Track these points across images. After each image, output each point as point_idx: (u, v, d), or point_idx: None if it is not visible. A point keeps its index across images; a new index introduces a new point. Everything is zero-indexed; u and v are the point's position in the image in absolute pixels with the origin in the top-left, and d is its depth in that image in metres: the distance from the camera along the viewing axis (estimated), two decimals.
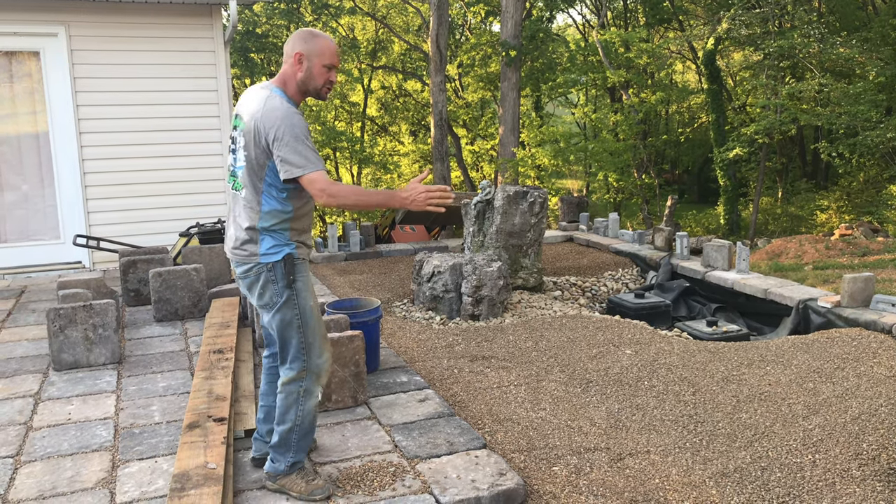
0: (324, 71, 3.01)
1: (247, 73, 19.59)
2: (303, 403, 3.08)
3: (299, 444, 3.11)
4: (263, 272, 3.00)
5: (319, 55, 2.99)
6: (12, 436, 3.72)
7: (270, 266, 2.99)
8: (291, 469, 3.11)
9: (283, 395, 3.08)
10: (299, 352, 3.05)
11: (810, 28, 14.86)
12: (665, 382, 4.50)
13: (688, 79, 27.55)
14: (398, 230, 11.23)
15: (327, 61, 3.00)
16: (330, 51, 3.00)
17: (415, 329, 5.75)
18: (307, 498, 3.06)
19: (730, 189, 18.35)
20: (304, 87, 3.02)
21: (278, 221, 2.99)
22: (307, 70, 2.99)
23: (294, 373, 3.05)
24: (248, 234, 3.01)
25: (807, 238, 9.66)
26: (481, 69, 20.39)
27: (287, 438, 3.09)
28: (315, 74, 3.00)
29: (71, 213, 7.84)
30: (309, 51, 2.98)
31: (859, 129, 13.77)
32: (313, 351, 3.06)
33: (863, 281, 5.81)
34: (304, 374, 3.06)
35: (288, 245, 3.00)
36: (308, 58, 2.98)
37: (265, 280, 3.00)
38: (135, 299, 6.29)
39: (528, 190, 7.20)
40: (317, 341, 3.07)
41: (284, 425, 3.08)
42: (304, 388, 3.07)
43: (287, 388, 3.07)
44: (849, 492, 3.21)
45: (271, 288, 3.00)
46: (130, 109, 7.90)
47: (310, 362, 3.06)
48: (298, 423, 3.08)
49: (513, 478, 3.18)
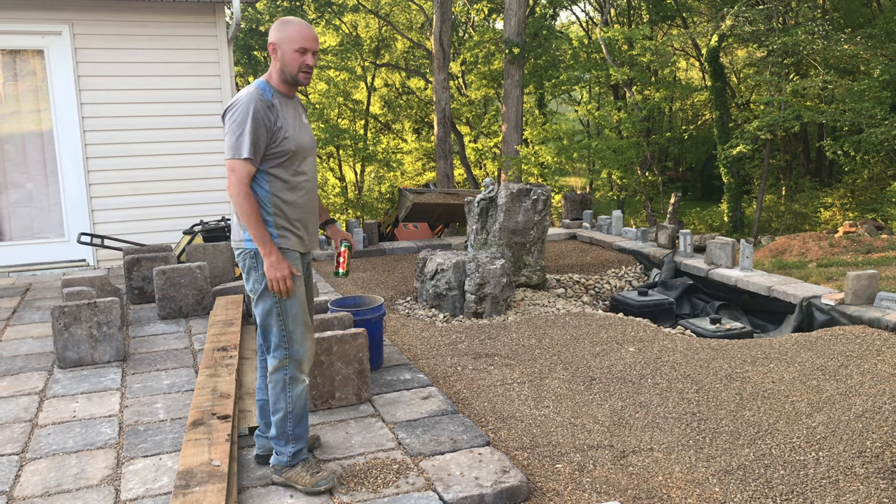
0: (297, 56, 3.00)
1: (250, 71, 19.60)
2: (290, 390, 3.11)
3: (296, 432, 3.14)
4: (247, 258, 3.05)
5: (289, 41, 2.99)
6: (18, 433, 3.74)
7: (252, 253, 3.03)
8: (295, 460, 3.14)
9: (272, 385, 3.13)
10: (281, 340, 3.08)
11: (814, 25, 14.82)
12: (668, 380, 4.51)
13: (691, 76, 27.49)
14: (402, 228, 11.23)
15: (297, 45, 2.99)
16: (300, 35, 2.99)
17: (418, 327, 5.76)
18: (311, 490, 3.08)
19: (733, 186, 18.32)
20: (283, 75, 3.04)
21: (261, 207, 3.02)
22: (281, 58, 3.00)
23: (277, 361, 3.10)
24: (236, 220, 3.08)
25: (810, 235, 9.65)
26: (484, 66, 20.38)
27: (283, 427, 3.12)
28: (289, 61, 3.00)
29: (75, 211, 7.86)
30: (279, 39, 3.00)
31: (864, 127, 13.73)
32: (294, 338, 3.09)
33: (867, 278, 5.80)
34: (288, 362, 3.10)
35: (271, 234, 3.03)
36: (279, 46, 3.00)
37: (248, 266, 3.06)
38: (139, 297, 6.31)
39: (532, 187, 7.20)
40: (298, 329, 3.10)
41: (278, 414, 3.12)
42: (288, 375, 3.11)
43: (273, 377, 3.12)
44: (852, 489, 3.21)
45: (253, 275, 3.06)
46: (134, 107, 7.92)
47: (291, 350, 3.10)
48: (290, 410, 3.11)
49: (516, 475, 3.18)
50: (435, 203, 10.68)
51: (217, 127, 8.18)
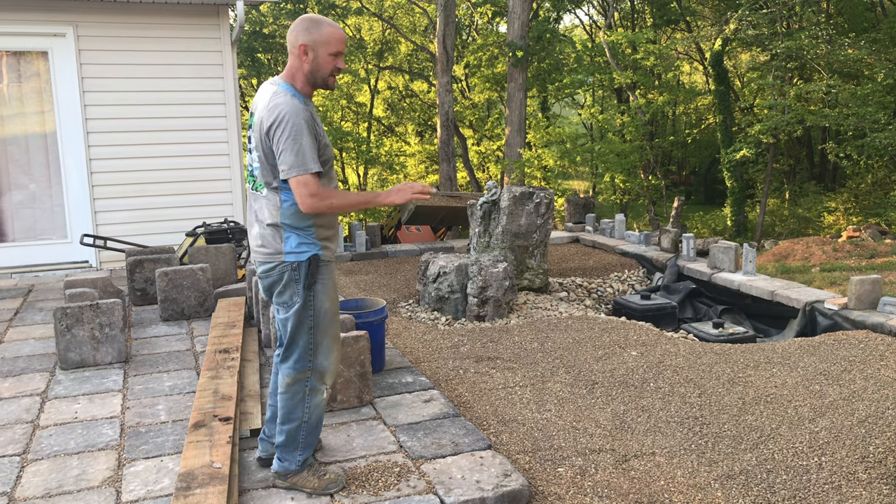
0: (331, 60, 2.90)
1: (254, 73, 19.65)
2: (309, 401, 3.06)
3: (307, 441, 3.09)
4: (287, 271, 2.94)
5: (325, 44, 2.87)
6: (19, 434, 3.74)
7: (295, 265, 2.93)
8: (302, 466, 3.10)
9: (288, 396, 3.05)
10: (306, 352, 3.02)
11: (818, 29, 14.82)
12: (671, 384, 4.50)
13: (695, 80, 27.50)
14: (404, 231, 11.24)
15: (334, 49, 2.89)
16: (335, 38, 2.88)
17: (420, 329, 5.76)
18: (321, 492, 3.04)
19: (737, 190, 18.30)
20: (312, 78, 2.92)
21: (302, 217, 2.92)
22: (313, 61, 2.88)
23: (297, 373, 3.03)
24: (271, 231, 2.94)
25: (814, 240, 9.63)
26: (488, 70, 20.39)
27: (295, 436, 3.07)
28: (322, 64, 2.89)
29: (78, 212, 7.87)
30: (313, 41, 2.87)
31: (867, 131, 13.72)
32: (320, 351, 3.04)
33: (870, 283, 5.78)
34: (310, 374, 3.05)
35: (314, 245, 2.95)
36: (313, 48, 2.87)
37: (288, 279, 2.95)
38: (141, 299, 6.31)
39: (535, 191, 7.20)
40: (325, 342, 3.04)
41: (291, 424, 3.06)
42: (308, 387, 3.05)
43: (291, 388, 3.04)
44: (855, 494, 3.20)
45: (292, 287, 2.96)
46: (138, 109, 7.93)
47: (315, 362, 3.04)
48: (306, 420, 3.06)
49: (518, 479, 3.18)
50: (437, 206, 10.68)
51: (221, 129, 8.19)
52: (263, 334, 5.06)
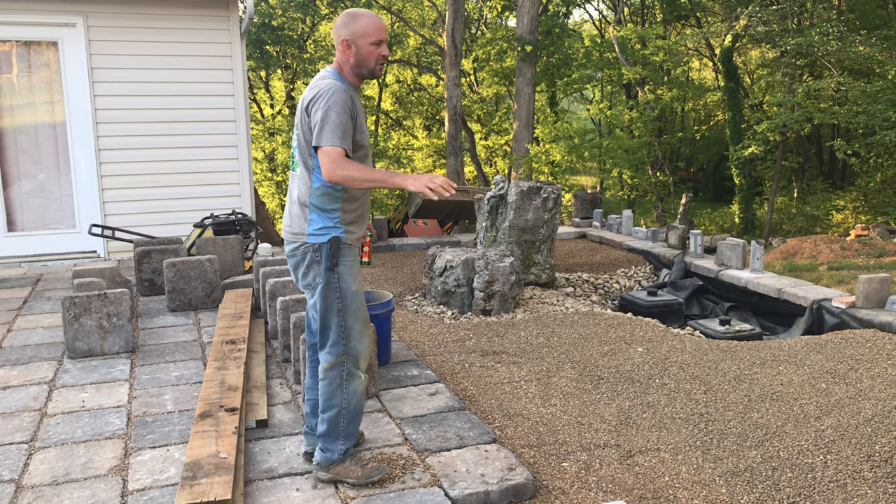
0: (373, 49, 2.97)
1: (262, 65, 19.64)
2: (347, 386, 3.06)
3: (348, 429, 3.09)
4: (310, 252, 3.00)
5: (364, 35, 2.95)
6: (27, 422, 3.76)
7: (317, 247, 2.98)
8: (344, 456, 3.10)
9: (326, 382, 3.06)
10: (339, 336, 3.04)
11: (829, 26, 14.73)
12: (676, 380, 4.49)
13: (704, 76, 27.39)
14: (411, 224, 11.22)
15: (373, 38, 2.96)
16: (373, 27, 2.95)
17: (426, 323, 5.76)
18: (364, 482, 3.05)
19: (745, 188, 18.23)
20: (358, 70, 3.00)
21: (329, 200, 2.97)
22: (357, 53, 2.96)
23: (334, 357, 3.04)
24: (298, 210, 3.01)
25: (822, 238, 9.58)
26: (496, 64, 20.35)
27: (336, 423, 3.06)
28: (366, 55, 2.97)
29: (87, 202, 7.90)
30: (353, 34, 2.95)
31: (877, 129, 13.64)
32: (353, 335, 3.05)
33: (878, 282, 5.76)
34: (345, 359, 3.05)
35: (337, 228, 2.99)
36: (354, 41, 2.95)
37: (310, 260, 3.01)
38: (149, 289, 6.34)
39: (542, 185, 7.19)
40: (357, 325, 3.06)
41: (331, 411, 3.06)
42: (346, 371, 3.06)
43: (329, 374, 3.06)
44: (860, 493, 3.20)
45: (315, 268, 3.01)
46: (147, 100, 7.95)
47: (349, 346, 3.05)
48: (345, 406, 3.06)
49: (522, 473, 3.18)
50: (445, 200, 10.67)
51: (229, 121, 8.20)
52: (270, 326, 5.08)
